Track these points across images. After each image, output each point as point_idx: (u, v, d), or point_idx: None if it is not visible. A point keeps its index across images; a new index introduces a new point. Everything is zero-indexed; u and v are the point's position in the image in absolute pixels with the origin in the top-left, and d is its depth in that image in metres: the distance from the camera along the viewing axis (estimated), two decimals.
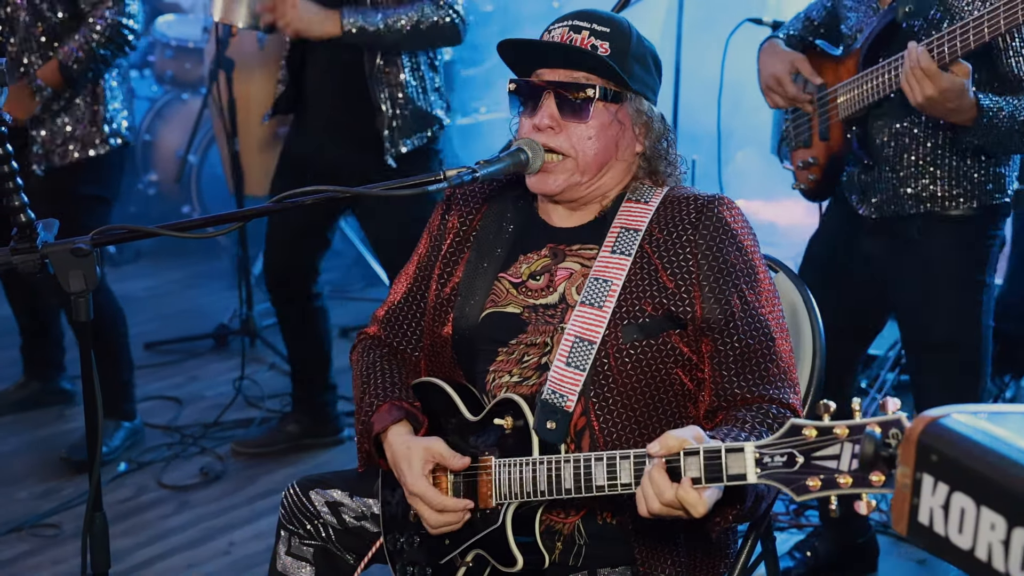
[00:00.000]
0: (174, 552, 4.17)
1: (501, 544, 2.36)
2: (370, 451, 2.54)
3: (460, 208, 2.67)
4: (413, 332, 2.71)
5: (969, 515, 1.35)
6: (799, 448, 1.91)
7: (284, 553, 2.75)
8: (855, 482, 1.85)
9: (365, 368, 2.65)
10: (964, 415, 1.41)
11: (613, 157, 2.47)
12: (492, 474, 2.36)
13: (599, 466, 2.19)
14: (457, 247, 2.63)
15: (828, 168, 3.56)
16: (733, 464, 1.99)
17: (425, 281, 2.68)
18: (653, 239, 2.42)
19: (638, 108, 2.47)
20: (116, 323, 4.78)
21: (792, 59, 3.58)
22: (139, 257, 7.21)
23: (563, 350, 2.37)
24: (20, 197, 2.16)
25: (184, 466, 4.76)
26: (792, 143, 3.74)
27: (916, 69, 2.95)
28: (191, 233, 2.25)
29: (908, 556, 3.99)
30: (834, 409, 1.89)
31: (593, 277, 2.41)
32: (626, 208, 2.48)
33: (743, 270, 2.39)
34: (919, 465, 1.41)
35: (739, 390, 2.35)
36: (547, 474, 2.26)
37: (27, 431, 5.04)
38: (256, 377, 5.50)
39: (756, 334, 2.36)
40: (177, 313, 6.42)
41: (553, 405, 2.34)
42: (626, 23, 2.49)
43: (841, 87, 3.40)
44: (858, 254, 3.54)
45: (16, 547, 4.18)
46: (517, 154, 2.41)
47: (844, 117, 3.40)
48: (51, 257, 2.14)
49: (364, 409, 2.55)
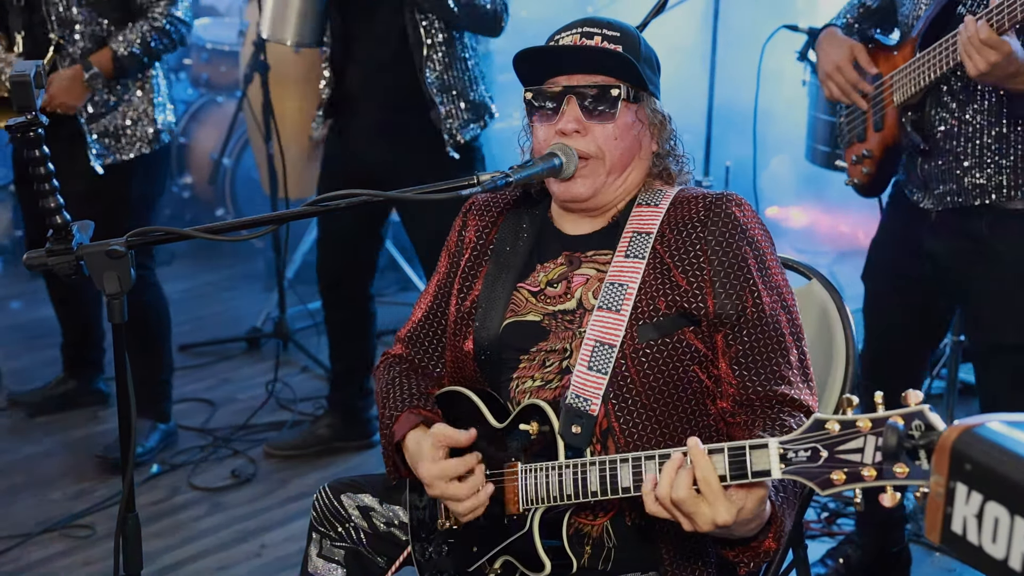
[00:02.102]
0: (206, 554, 4.19)
1: (529, 549, 2.36)
2: (396, 464, 2.56)
3: (476, 223, 2.69)
4: (435, 348, 2.72)
5: (1003, 525, 1.34)
6: (823, 442, 1.91)
7: (316, 555, 2.77)
8: (879, 474, 1.85)
9: (386, 384, 2.66)
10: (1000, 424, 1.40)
11: (636, 156, 2.50)
12: (518, 480, 2.37)
13: (624, 467, 2.18)
14: (475, 261, 2.64)
15: (883, 159, 3.50)
16: (758, 460, 1.99)
17: (445, 298, 2.70)
18: (665, 240, 2.43)
19: (653, 108, 2.51)
20: (162, 322, 4.83)
21: (851, 46, 3.52)
22: (173, 259, 7.25)
23: (584, 355, 2.37)
24: (56, 199, 2.17)
25: (216, 468, 4.78)
26: (845, 139, 3.69)
27: (975, 39, 2.90)
28: (225, 236, 2.26)
29: (940, 566, 3.97)
30: (856, 403, 1.89)
31: (609, 282, 2.41)
32: (637, 212, 2.49)
33: (754, 265, 2.39)
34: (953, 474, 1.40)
35: (753, 385, 2.36)
36: (573, 477, 2.26)
37: (61, 432, 5.07)
38: (288, 380, 5.51)
39: (768, 329, 2.37)
40: (210, 316, 6.45)
41: (577, 409, 2.34)
42: (632, 28, 2.53)
43: (896, 73, 3.34)
44: (923, 254, 3.45)
45: (49, 547, 4.21)
46: (550, 158, 2.41)
47: (900, 102, 3.33)
48: (86, 259, 2.15)
49: (385, 422, 2.57)
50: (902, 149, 3.42)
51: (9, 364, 5.69)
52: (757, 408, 2.36)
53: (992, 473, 1.35)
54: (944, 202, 3.32)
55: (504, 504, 2.39)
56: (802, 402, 2.35)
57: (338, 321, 4.82)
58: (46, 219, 2.17)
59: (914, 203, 3.43)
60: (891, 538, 3.86)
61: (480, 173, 2.30)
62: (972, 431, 1.39)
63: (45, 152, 2.18)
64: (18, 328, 6.05)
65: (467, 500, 2.37)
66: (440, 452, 2.42)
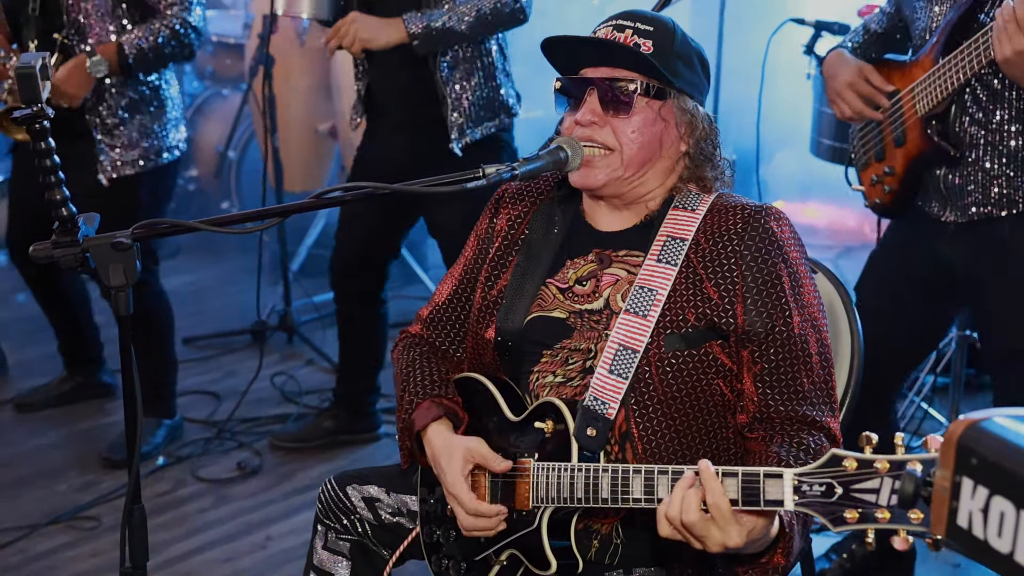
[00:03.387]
0: (212, 546, 4.20)
1: (536, 546, 2.36)
2: (412, 448, 2.55)
3: (508, 211, 2.67)
4: (457, 333, 2.72)
5: (1009, 519, 1.34)
6: (838, 479, 1.90)
7: (321, 547, 2.76)
8: (893, 517, 1.84)
9: (406, 366, 2.65)
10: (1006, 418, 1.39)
11: (656, 154, 2.46)
12: (530, 477, 2.36)
13: (637, 479, 2.17)
14: (505, 250, 2.63)
15: (908, 175, 3.42)
16: (771, 489, 1.98)
17: (471, 283, 2.69)
18: (699, 249, 2.40)
19: (682, 106, 2.47)
20: (165, 323, 4.82)
21: (860, 67, 3.48)
22: (179, 252, 7.25)
23: (607, 357, 2.36)
24: (62, 191, 2.17)
25: (221, 460, 4.79)
26: (861, 161, 3.63)
27: (1011, 22, 2.87)
28: (231, 228, 2.26)
29: (945, 560, 3.96)
30: (876, 442, 1.88)
31: (639, 286, 2.39)
32: (673, 216, 2.46)
33: (787, 283, 2.37)
34: (959, 468, 1.40)
35: (775, 404, 2.34)
36: (585, 481, 2.25)
37: (67, 424, 5.08)
38: (293, 373, 5.52)
39: (795, 349, 2.35)
40: (216, 308, 6.46)
41: (595, 412, 2.33)
42: (671, 22, 2.49)
43: (917, 84, 3.28)
44: (935, 261, 3.42)
45: (56, 539, 4.22)
46: (556, 152, 2.41)
47: (924, 113, 3.27)
48: (92, 251, 2.15)
49: (404, 407, 2.56)
50: (927, 162, 3.35)
51: (15, 356, 5.69)
52: (776, 425, 2.35)
53: (998, 467, 1.35)
54: (969, 213, 3.29)
55: (514, 499, 2.39)
56: (823, 424, 2.34)
57: (349, 315, 4.81)
58: (52, 211, 2.17)
59: (932, 216, 3.39)
60: None
61: (486, 166, 2.31)
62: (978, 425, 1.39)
63: (51, 144, 2.17)
64: (24, 321, 6.05)
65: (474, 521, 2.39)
66: (469, 467, 2.42)
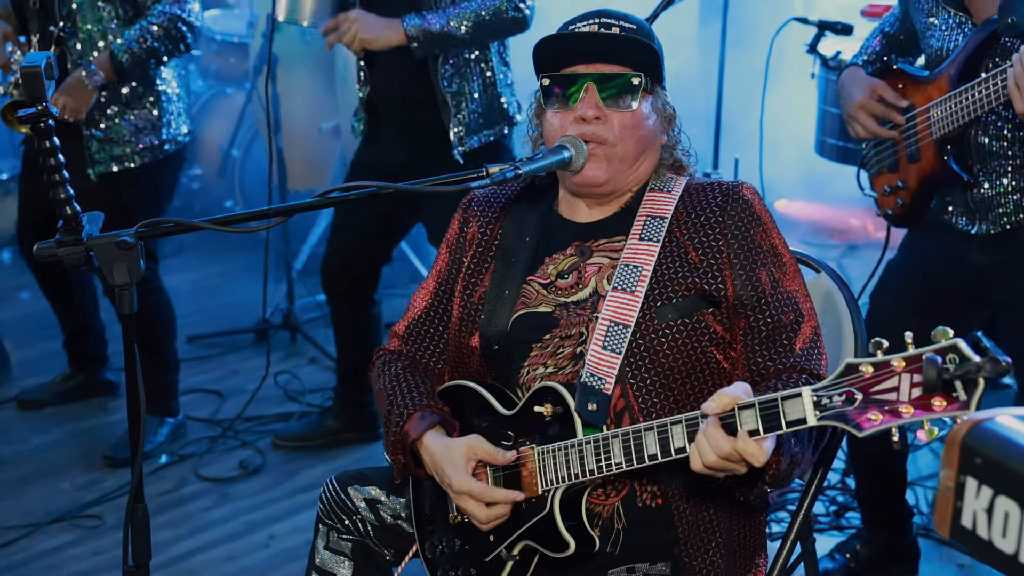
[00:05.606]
0: (214, 544, 4.20)
1: (550, 530, 2.36)
2: (406, 462, 2.53)
3: (478, 218, 2.68)
4: (436, 344, 2.71)
5: (1013, 519, 1.34)
6: (857, 385, 1.94)
7: (323, 547, 2.76)
8: (917, 410, 1.88)
9: (388, 381, 2.64)
10: (1010, 418, 1.40)
11: (649, 147, 2.53)
12: (535, 462, 2.36)
13: (650, 435, 2.21)
14: (480, 257, 2.64)
15: (920, 191, 3.43)
16: (791, 410, 2.01)
17: (447, 294, 2.69)
18: (681, 222, 2.47)
19: (664, 100, 2.55)
20: (166, 323, 4.82)
21: (873, 85, 3.47)
22: (182, 250, 7.25)
23: (599, 335, 2.39)
24: (66, 190, 2.17)
25: (224, 459, 4.79)
26: (874, 169, 3.62)
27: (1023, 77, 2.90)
28: (235, 227, 2.26)
29: (949, 559, 3.96)
30: (887, 346, 1.91)
31: (623, 263, 2.43)
32: (650, 197, 2.53)
33: (769, 250, 2.45)
34: (963, 468, 1.40)
35: (770, 363, 2.38)
36: (595, 452, 2.27)
37: (71, 422, 5.08)
38: (296, 371, 5.52)
39: (785, 309, 2.41)
40: (219, 306, 6.45)
41: (592, 387, 2.35)
42: (643, 20, 2.57)
43: (933, 106, 3.26)
44: (962, 271, 3.40)
45: (59, 537, 4.23)
46: (559, 151, 2.42)
47: (940, 136, 3.26)
48: (96, 250, 2.15)
49: (394, 420, 2.54)
50: (941, 182, 3.35)
51: (19, 354, 5.68)
52: (771, 379, 2.37)
53: (1002, 468, 1.35)
54: (1000, 223, 3.29)
55: (521, 489, 2.39)
56: (817, 373, 2.37)
57: (343, 316, 4.80)
58: (56, 210, 2.17)
59: (958, 229, 3.38)
60: (900, 532, 3.85)
61: (490, 166, 2.31)
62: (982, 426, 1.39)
63: (56, 143, 2.18)
64: (28, 319, 6.06)
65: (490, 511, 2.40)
66: (472, 464, 2.42)
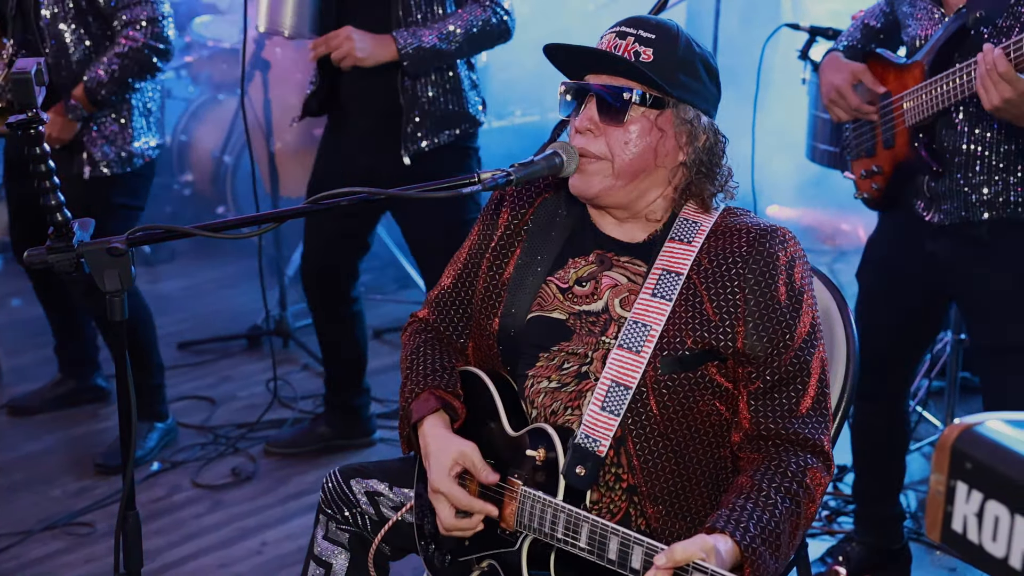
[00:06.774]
0: (206, 551, 4.19)
1: (515, 568, 2.39)
2: (409, 436, 2.57)
3: (512, 202, 2.65)
4: (460, 319, 2.72)
5: (1003, 523, 1.34)
6: None
7: (321, 537, 2.80)
8: None
9: (411, 352, 2.67)
10: (1000, 422, 1.40)
11: (651, 165, 2.43)
12: (517, 500, 2.37)
13: (614, 540, 2.19)
14: (507, 241, 2.62)
15: (894, 176, 3.48)
16: None
17: (475, 269, 2.68)
18: (702, 269, 2.39)
19: (682, 116, 2.41)
20: (145, 327, 4.80)
21: (852, 69, 3.52)
22: (174, 257, 7.25)
23: (599, 395, 2.36)
24: (56, 196, 2.17)
25: (217, 466, 4.78)
26: (853, 152, 3.66)
27: (992, 72, 2.90)
28: (226, 233, 2.26)
29: (940, 564, 3.97)
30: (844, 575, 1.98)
31: (632, 320, 2.39)
32: (669, 248, 2.43)
33: (789, 307, 2.36)
34: (953, 472, 1.40)
35: (772, 424, 2.35)
36: (565, 524, 2.27)
37: (61, 429, 5.07)
38: (289, 378, 5.51)
39: (793, 369, 2.36)
40: (211, 313, 6.45)
41: (585, 450, 2.34)
42: (675, 29, 2.43)
43: (907, 95, 3.32)
44: (921, 255, 3.47)
45: (50, 545, 4.22)
46: (552, 158, 2.41)
47: (911, 124, 3.31)
48: (87, 256, 2.15)
49: (405, 395, 2.58)
50: (913, 168, 3.40)
51: (9, 362, 5.68)
52: (768, 444, 2.36)
53: (992, 472, 1.36)
54: (950, 216, 3.33)
55: (501, 514, 2.40)
56: (815, 442, 2.35)
57: (324, 322, 4.79)
58: (47, 216, 2.17)
59: (918, 215, 3.43)
60: (891, 536, 3.86)
61: (481, 171, 2.31)
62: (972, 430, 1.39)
63: (46, 149, 2.18)
64: (19, 325, 6.06)
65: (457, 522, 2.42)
66: (457, 469, 2.44)
